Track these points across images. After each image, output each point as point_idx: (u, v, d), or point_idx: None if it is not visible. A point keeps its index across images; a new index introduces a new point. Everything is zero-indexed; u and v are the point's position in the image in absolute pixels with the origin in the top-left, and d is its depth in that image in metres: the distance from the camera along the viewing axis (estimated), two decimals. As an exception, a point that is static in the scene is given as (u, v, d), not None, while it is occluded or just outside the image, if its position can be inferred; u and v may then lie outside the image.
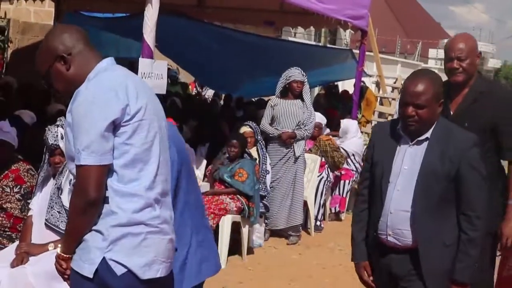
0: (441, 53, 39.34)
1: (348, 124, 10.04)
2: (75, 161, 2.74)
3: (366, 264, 3.75)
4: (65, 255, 2.87)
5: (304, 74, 8.03)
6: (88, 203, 2.72)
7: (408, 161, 3.53)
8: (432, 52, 45.10)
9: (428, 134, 3.52)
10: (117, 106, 2.73)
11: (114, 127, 2.74)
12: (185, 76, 16.98)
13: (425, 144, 3.52)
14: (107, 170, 2.74)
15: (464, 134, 3.57)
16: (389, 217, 3.54)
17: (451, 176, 3.46)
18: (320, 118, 9.49)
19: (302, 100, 8.02)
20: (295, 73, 7.93)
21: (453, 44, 4.18)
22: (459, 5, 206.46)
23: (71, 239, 2.85)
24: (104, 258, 2.75)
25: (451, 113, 4.17)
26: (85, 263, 2.78)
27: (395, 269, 3.60)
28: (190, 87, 16.72)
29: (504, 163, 4.33)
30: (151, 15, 5.66)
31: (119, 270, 2.75)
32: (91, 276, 2.76)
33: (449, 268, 3.51)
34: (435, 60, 42.99)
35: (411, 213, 3.50)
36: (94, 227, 2.78)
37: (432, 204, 3.48)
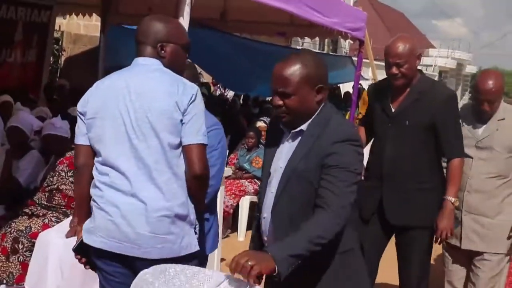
0: (425, 60, 39.11)
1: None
2: None
3: None
4: None
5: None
6: (74, 171, 2.87)
7: (283, 158, 2.55)
8: (418, 60, 44.66)
9: (304, 126, 2.50)
10: (81, 102, 2.78)
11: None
12: (203, 77, 16.92)
13: (299, 138, 2.53)
14: (86, 149, 2.76)
15: (341, 126, 2.48)
16: (263, 223, 2.62)
17: (311, 177, 2.42)
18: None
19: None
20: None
21: (391, 50, 3.63)
22: (442, 19, 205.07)
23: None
24: None
25: (393, 111, 3.76)
26: None
27: None
28: (212, 87, 16.68)
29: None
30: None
31: None
32: None
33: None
34: (420, 66, 42.54)
35: (270, 219, 2.55)
36: None
37: (295, 211, 2.46)
